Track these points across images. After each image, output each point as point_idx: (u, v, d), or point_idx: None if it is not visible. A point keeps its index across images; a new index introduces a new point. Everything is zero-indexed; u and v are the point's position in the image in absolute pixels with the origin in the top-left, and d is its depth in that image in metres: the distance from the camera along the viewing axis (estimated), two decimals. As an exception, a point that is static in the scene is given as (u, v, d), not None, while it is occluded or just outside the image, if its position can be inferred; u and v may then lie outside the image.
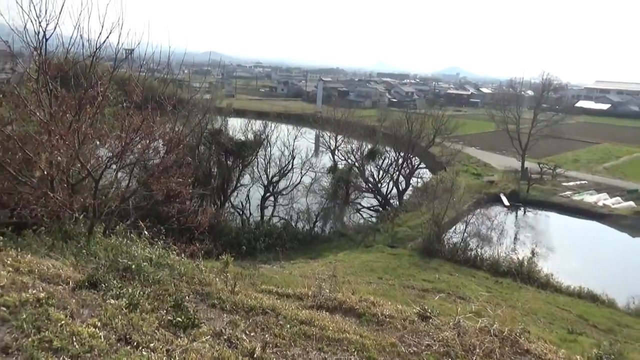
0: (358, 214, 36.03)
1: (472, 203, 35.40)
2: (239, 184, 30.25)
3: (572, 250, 31.37)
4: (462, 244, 25.93)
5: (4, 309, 3.65)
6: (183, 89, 23.87)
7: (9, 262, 4.96)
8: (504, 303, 19.09)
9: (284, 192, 31.38)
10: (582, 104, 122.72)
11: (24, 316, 3.60)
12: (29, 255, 5.43)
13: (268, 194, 30.90)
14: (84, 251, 6.62)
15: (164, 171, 9.01)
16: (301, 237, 29.34)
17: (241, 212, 30.14)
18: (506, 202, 40.09)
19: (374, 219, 35.33)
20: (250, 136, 29.17)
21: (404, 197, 37.68)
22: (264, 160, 30.62)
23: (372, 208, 37.18)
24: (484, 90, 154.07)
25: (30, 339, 3.30)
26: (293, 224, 30.90)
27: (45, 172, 7.44)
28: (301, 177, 31.19)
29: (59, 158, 7.24)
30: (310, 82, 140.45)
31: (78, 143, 7.59)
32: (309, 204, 32.17)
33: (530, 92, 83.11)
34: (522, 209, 40.71)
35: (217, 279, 6.58)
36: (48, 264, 5.40)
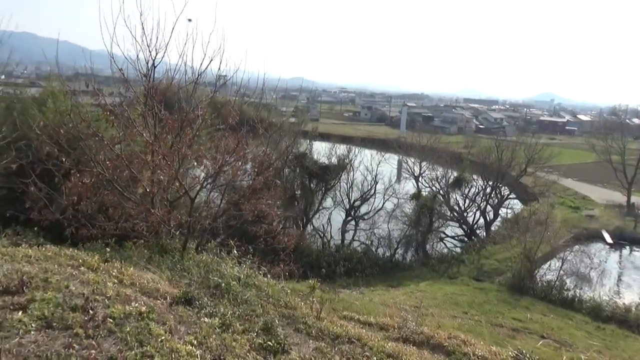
0: (441, 243, 34.77)
1: (569, 238, 32.72)
2: (321, 207, 30.50)
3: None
4: (557, 282, 23.90)
5: (111, 320, 3.85)
6: (271, 112, 24.81)
7: (114, 273, 5.28)
8: (608, 352, 17.27)
9: (366, 217, 31.14)
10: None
11: (128, 329, 3.75)
12: (131, 268, 5.74)
13: (349, 218, 30.82)
14: (178, 266, 6.89)
15: (254, 192, 9.29)
16: (381, 263, 28.83)
17: (322, 235, 30.28)
18: (609, 240, 36.59)
19: (458, 249, 33.89)
20: (334, 160, 29.42)
21: (492, 228, 35.78)
22: (347, 184, 30.68)
23: (456, 237, 35.71)
24: (582, 117, 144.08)
25: (133, 352, 3.42)
26: (373, 250, 30.48)
27: (148, 190, 7.96)
28: (383, 203, 30.81)
29: (161, 177, 7.73)
30: (394, 107, 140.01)
31: (178, 163, 8.07)
32: (390, 230, 31.62)
33: (636, 120, 76.59)
34: (628, 247, 36.91)
35: (302, 303, 6.52)
36: (147, 277, 5.67)
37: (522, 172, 35.58)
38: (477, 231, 35.59)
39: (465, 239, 35.25)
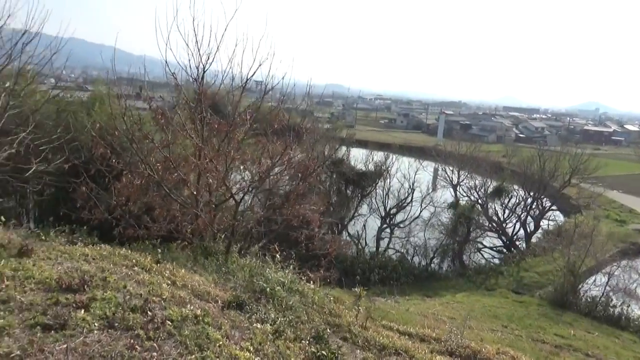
0: (479, 254, 33.94)
1: (616, 253, 31.37)
2: (356, 214, 30.35)
3: None
4: (603, 298, 22.90)
5: (169, 322, 3.90)
6: (307, 118, 24.93)
7: (166, 274, 5.37)
8: (658, 375, 16.40)
9: (401, 225, 30.75)
10: None
11: (187, 332, 3.80)
12: (182, 270, 5.83)
13: (385, 226, 30.51)
14: (223, 269, 6.96)
15: (298, 197, 9.30)
16: (417, 272, 28.42)
17: (357, 242, 30.10)
18: (657, 256, 34.80)
19: (496, 260, 33.03)
20: (371, 167, 29.24)
21: (532, 240, 34.70)
22: (383, 191, 30.42)
23: (494, 248, 34.80)
24: (629, 127, 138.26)
25: (193, 356, 3.46)
26: (409, 258, 30.07)
27: (194, 192, 8.10)
28: (420, 211, 30.36)
29: (210, 180, 7.86)
30: (430, 115, 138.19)
31: (225, 166, 8.18)
32: (426, 239, 31.13)
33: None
34: (679, 264, 34.99)
35: (346, 311, 6.46)
36: (197, 279, 5.74)
37: (566, 183, 34.32)
38: (517, 242, 34.59)
39: (504, 250, 34.33)
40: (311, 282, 7.82)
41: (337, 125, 53.14)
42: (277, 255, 7.63)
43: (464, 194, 33.35)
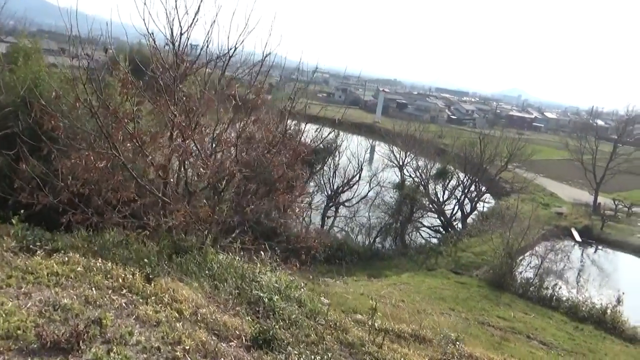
0: (417, 233, 34.67)
1: (541, 235, 33.33)
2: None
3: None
4: (536, 280, 24.12)
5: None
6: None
7: (166, 299, 4.26)
8: (592, 355, 17.45)
9: (347, 204, 30.50)
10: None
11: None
12: (185, 289, 4.71)
13: (330, 204, 30.10)
14: (206, 272, 5.95)
15: (288, 185, 8.38)
16: (361, 251, 28.38)
17: (302, 219, 29.47)
18: (578, 238, 37.50)
19: (434, 240, 33.91)
20: (321, 144, 28.49)
21: (468, 221, 35.98)
22: (330, 169, 29.87)
23: (432, 228, 35.71)
24: (548, 115, 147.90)
25: None
26: (353, 237, 29.99)
27: (165, 176, 6.89)
28: (369, 191, 30.22)
29: (186, 163, 6.65)
30: (367, 92, 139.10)
31: (212, 147, 7.00)
32: (370, 218, 31.20)
33: (599, 122, 79.48)
34: (594, 246, 37.94)
35: (351, 323, 5.74)
36: (188, 294, 4.70)
37: (503, 167, 35.71)
38: (454, 223, 35.69)
39: (442, 230, 35.30)
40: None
41: (279, 97, 51.59)
42: (262, 253, 6.71)
43: (409, 175, 33.64)
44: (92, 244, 6.09)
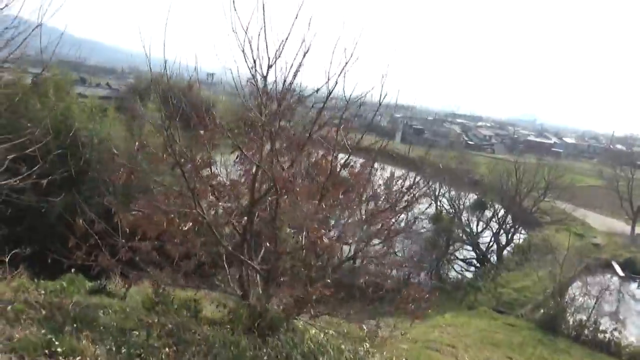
0: (450, 266, 33.10)
1: (582, 269, 31.48)
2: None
3: None
4: (591, 322, 22.28)
5: None
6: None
7: None
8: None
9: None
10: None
11: None
12: None
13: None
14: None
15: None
16: (395, 287, 26.85)
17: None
18: (620, 272, 35.41)
19: (467, 273, 32.30)
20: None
21: (503, 253, 34.33)
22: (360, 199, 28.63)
23: (466, 260, 34.12)
24: (567, 140, 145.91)
25: None
26: (387, 272, 28.55)
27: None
28: (405, 224, 28.77)
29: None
30: (383, 118, 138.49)
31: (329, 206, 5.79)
32: (404, 251, 29.76)
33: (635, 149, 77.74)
34: (638, 281, 35.80)
35: None
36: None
37: (541, 197, 34.04)
38: (488, 256, 34.08)
39: (474, 262, 33.72)
40: None
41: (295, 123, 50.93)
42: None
43: (445, 206, 32.22)
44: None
